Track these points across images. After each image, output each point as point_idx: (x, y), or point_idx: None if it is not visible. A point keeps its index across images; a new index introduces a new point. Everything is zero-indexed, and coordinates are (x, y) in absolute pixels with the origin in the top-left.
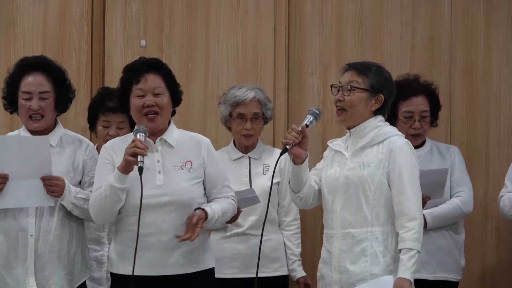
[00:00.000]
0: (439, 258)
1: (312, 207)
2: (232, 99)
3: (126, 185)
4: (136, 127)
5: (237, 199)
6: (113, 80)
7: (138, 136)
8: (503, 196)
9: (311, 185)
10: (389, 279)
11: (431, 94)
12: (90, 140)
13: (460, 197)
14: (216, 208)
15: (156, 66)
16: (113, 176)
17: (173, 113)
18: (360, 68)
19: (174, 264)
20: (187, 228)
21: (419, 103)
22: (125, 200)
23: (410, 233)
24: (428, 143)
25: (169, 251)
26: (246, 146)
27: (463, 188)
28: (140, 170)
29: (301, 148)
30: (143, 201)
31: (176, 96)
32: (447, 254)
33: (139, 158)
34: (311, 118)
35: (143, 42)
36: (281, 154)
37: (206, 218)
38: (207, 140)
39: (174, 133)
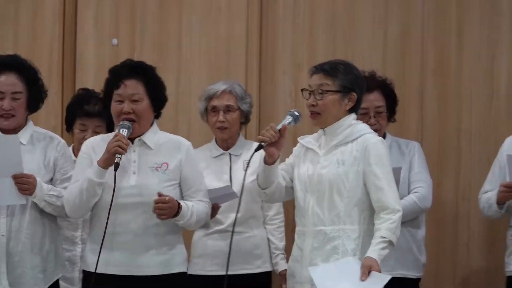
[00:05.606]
0: (397, 255)
1: (277, 202)
2: (207, 93)
3: (104, 180)
4: (121, 122)
5: (214, 195)
6: (84, 79)
7: (121, 132)
8: (480, 198)
9: (279, 181)
10: (355, 260)
11: (386, 90)
12: (63, 139)
13: (417, 193)
14: (190, 205)
15: (137, 71)
16: (92, 170)
17: (158, 115)
18: (328, 69)
19: (144, 265)
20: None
21: (373, 99)
22: (100, 198)
23: (387, 223)
24: (388, 138)
25: (139, 251)
26: (226, 142)
27: (421, 184)
28: (116, 166)
29: (276, 148)
30: (115, 200)
31: (157, 101)
32: (405, 250)
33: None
34: (290, 119)
35: (114, 41)
36: (256, 150)
37: (178, 212)
38: (187, 143)
39: (154, 135)
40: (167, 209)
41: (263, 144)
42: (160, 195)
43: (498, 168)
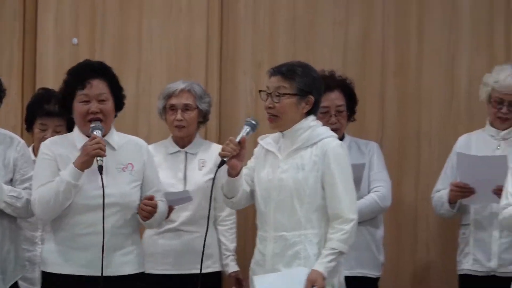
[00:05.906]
0: (356, 254)
1: (243, 207)
2: (166, 91)
3: (80, 182)
4: (93, 124)
5: (171, 198)
6: (44, 79)
7: (95, 133)
8: (433, 196)
9: (244, 189)
10: (303, 271)
11: (346, 89)
12: (23, 138)
13: (377, 192)
14: (160, 206)
15: (101, 71)
16: (68, 172)
17: (115, 116)
18: (286, 72)
19: (111, 265)
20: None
21: (334, 98)
22: None
23: (338, 234)
24: (347, 139)
25: (106, 252)
26: (182, 140)
27: (381, 184)
28: (100, 168)
29: (238, 160)
30: (84, 202)
31: (119, 101)
32: (364, 250)
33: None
34: (248, 129)
35: (74, 40)
36: (218, 167)
37: None
38: (145, 144)
39: (115, 136)
40: (153, 213)
41: (225, 159)
42: (151, 198)
43: (451, 167)
